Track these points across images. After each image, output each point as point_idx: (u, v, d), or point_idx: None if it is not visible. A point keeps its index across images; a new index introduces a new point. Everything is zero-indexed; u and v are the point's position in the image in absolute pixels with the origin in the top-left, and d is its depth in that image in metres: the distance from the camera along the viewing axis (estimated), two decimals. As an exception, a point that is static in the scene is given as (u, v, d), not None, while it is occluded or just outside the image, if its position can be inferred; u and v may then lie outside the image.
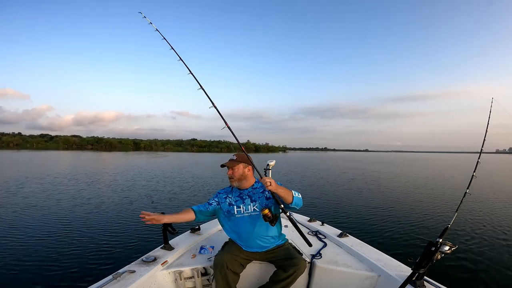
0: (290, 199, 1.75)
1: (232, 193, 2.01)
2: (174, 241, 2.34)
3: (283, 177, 15.09)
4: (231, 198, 1.99)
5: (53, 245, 4.17)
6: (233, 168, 1.94)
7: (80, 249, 4.00)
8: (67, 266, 3.46)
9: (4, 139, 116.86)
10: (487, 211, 7.00)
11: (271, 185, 1.64)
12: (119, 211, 6.43)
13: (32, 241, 4.32)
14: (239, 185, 1.97)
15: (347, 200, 8.41)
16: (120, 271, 1.74)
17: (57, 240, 4.39)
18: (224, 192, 2.06)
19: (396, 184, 12.71)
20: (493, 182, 13.56)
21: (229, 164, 1.95)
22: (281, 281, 1.79)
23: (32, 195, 8.24)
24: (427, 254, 1.54)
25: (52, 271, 3.32)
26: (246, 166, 1.97)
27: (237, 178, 1.94)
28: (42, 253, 3.86)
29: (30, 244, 4.17)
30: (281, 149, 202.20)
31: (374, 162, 37.04)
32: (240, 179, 1.95)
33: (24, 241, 4.32)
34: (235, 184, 1.97)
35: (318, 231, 2.73)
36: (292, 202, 1.76)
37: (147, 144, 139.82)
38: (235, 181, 1.95)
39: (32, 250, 3.94)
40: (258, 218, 1.91)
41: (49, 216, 5.78)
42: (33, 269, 3.38)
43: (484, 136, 2.11)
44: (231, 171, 1.94)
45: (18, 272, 3.31)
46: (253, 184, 2.01)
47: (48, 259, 3.67)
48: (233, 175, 1.94)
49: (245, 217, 1.94)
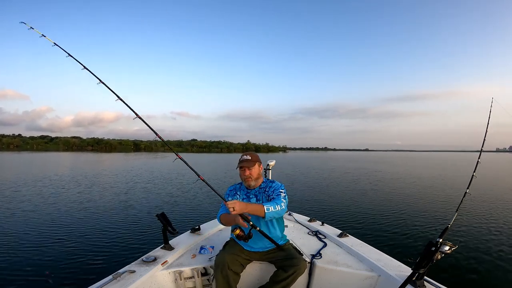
0: (262, 215, 1.75)
1: (241, 190, 2.06)
2: (174, 241, 2.34)
3: (284, 177, 15.10)
4: (239, 196, 2.04)
5: (53, 245, 4.17)
6: (251, 169, 1.96)
7: (80, 249, 4.00)
8: (67, 266, 3.46)
9: (4, 141, 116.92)
10: (487, 211, 6.99)
11: (235, 210, 1.65)
12: (119, 211, 6.43)
13: (32, 241, 4.32)
14: (255, 184, 2.01)
15: (347, 200, 8.41)
16: (120, 271, 1.74)
17: (57, 240, 4.39)
18: (234, 188, 2.10)
19: (396, 183, 12.70)
20: (493, 182, 13.55)
21: (246, 165, 1.96)
22: (281, 281, 1.79)
23: (33, 195, 8.25)
24: (427, 254, 1.54)
25: (52, 271, 3.32)
26: (260, 164, 2.04)
27: (255, 178, 1.98)
28: (42, 253, 3.86)
29: (30, 245, 4.17)
30: (281, 149, 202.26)
31: (374, 161, 37.00)
32: (257, 178, 2.00)
33: (24, 241, 4.32)
34: (252, 184, 1.99)
35: (318, 231, 2.73)
36: (265, 217, 1.76)
37: (147, 145, 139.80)
38: (252, 180, 1.98)
39: (32, 250, 3.94)
40: (262, 219, 1.90)
41: (49, 217, 5.78)
42: (33, 269, 3.38)
43: (484, 136, 2.11)
44: (249, 172, 1.96)
45: (18, 272, 3.31)
46: (261, 183, 2.05)
47: (48, 259, 3.67)
48: (251, 175, 1.97)
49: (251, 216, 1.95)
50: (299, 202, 7.98)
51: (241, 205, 1.69)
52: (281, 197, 1.89)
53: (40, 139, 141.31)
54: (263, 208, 1.73)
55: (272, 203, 1.80)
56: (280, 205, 1.82)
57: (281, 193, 1.93)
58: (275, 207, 1.78)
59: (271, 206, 1.77)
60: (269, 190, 1.97)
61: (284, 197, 1.92)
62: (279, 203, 1.82)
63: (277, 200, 1.86)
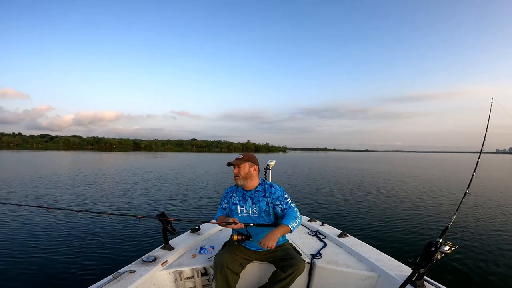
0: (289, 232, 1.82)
1: (237, 192, 2.06)
2: (174, 241, 2.34)
3: (284, 177, 15.08)
4: (235, 198, 2.04)
5: (53, 245, 4.16)
6: (239, 167, 1.97)
7: (80, 249, 4.00)
8: (67, 266, 3.46)
9: (4, 139, 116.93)
10: (487, 211, 7.00)
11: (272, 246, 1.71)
12: (119, 211, 6.43)
13: (32, 241, 4.32)
14: (244, 184, 1.99)
15: (347, 200, 8.41)
16: (120, 271, 1.74)
17: (57, 240, 4.39)
18: (230, 191, 2.11)
19: (396, 184, 12.71)
20: (493, 182, 13.56)
21: (235, 162, 1.98)
22: (280, 281, 1.79)
23: (33, 195, 8.25)
24: (427, 254, 1.54)
25: (52, 271, 3.32)
26: (252, 165, 2.00)
27: (243, 176, 1.97)
28: (42, 253, 3.86)
29: (30, 245, 4.17)
30: (281, 149, 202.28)
31: (374, 162, 37.02)
32: (245, 178, 1.97)
33: (24, 241, 4.32)
34: (240, 183, 1.99)
35: (318, 231, 2.73)
36: (291, 232, 1.82)
37: (147, 144, 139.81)
38: (240, 179, 1.98)
39: (32, 250, 3.94)
40: (257, 220, 1.96)
41: (49, 217, 5.78)
42: (33, 269, 3.38)
43: (484, 136, 2.11)
44: (237, 169, 1.97)
45: (18, 272, 3.31)
46: (256, 186, 2.03)
47: (48, 259, 3.67)
48: (238, 173, 1.97)
49: (245, 218, 1.98)
50: (299, 202, 7.98)
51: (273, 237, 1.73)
52: (291, 206, 1.93)
53: (40, 138, 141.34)
54: (288, 229, 1.78)
55: (291, 218, 1.83)
56: (297, 215, 1.87)
57: (287, 200, 1.95)
58: (295, 220, 1.83)
59: (293, 222, 1.82)
60: (270, 197, 1.96)
61: (292, 202, 1.96)
62: (295, 214, 1.87)
63: (291, 212, 1.89)
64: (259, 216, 1.95)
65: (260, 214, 1.95)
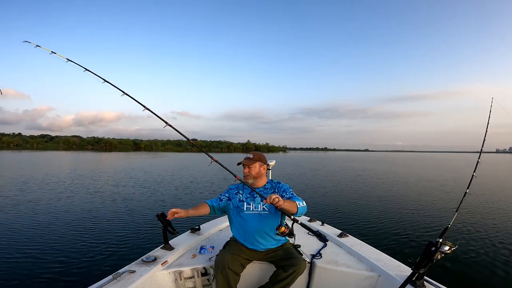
0: (294, 211, 1.78)
1: (244, 190, 2.08)
2: (174, 241, 2.34)
3: (284, 177, 15.09)
4: (242, 195, 2.06)
5: (53, 245, 4.16)
6: (250, 167, 2.02)
7: (80, 249, 4.00)
8: (67, 266, 3.45)
9: (4, 140, 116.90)
10: (487, 211, 7.00)
11: (280, 201, 1.66)
12: (119, 211, 6.43)
13: (32, 241, 4.32)
14: (253, 183, 2.04)
15: (347, 200, 8.41)
16: (120, 271, 1.74)
17: (57, 240, 4.39)
18: (235, 188, 2.13)
19: (396, 184, 12.70)
20: (493, 182, 13.55)
21: (246, 162, 2.02)
22: (281, 281, 1.80)
23: (32, 195, 8.25)
24: (427, 254, 1.54)
25: (53, 271, 3.32)
26: (262, 165, 2.05)
27: (253, 176, 2.02)
28: (42, 253, 3.86)
29: (30, 244, 4.17)
30: (281, 149, 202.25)
31: (374, 162, 37.00)
32: (255, 177, 2.03)
33: (24, 241, 4.32)
34: (250, 182, 2.03)
35: (318, 231, 2.73)
36: (297, 213, 1.79)
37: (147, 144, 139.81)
38: (250, 179, 2.02)
39: (32, 250, 3.94)
40: (267, 217, 1.97)
41: (48, 217, 5.78)
42: (33, 269, 3.38)
43: (484, 136, 2.11)
44: (248, 169, 2.02)
45: (18, 272, 3.31)
46: (265, 184, 2.08)
47: (48, 259, 3.67)
48: (249, 173, 2.02)
49: (254, 215, 1.99)
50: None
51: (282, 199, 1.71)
52: (296, 196, 1.95)
53: (40, 138, 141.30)
54: (295, 203, 1.79)
55: (297, 199, 1.87)
56: (303, 202, 1.88)
57: (293, 193, 1.99)
58: (302, 202, 1.86)
59: (300, 202, 1.83)
60: (278, 191, 2.01)
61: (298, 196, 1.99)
62: (301, 200, 1.88)
63: (296, 198, 1.90)
64: (269, 213, 1.97)
65: (270, 211, 1.97)
